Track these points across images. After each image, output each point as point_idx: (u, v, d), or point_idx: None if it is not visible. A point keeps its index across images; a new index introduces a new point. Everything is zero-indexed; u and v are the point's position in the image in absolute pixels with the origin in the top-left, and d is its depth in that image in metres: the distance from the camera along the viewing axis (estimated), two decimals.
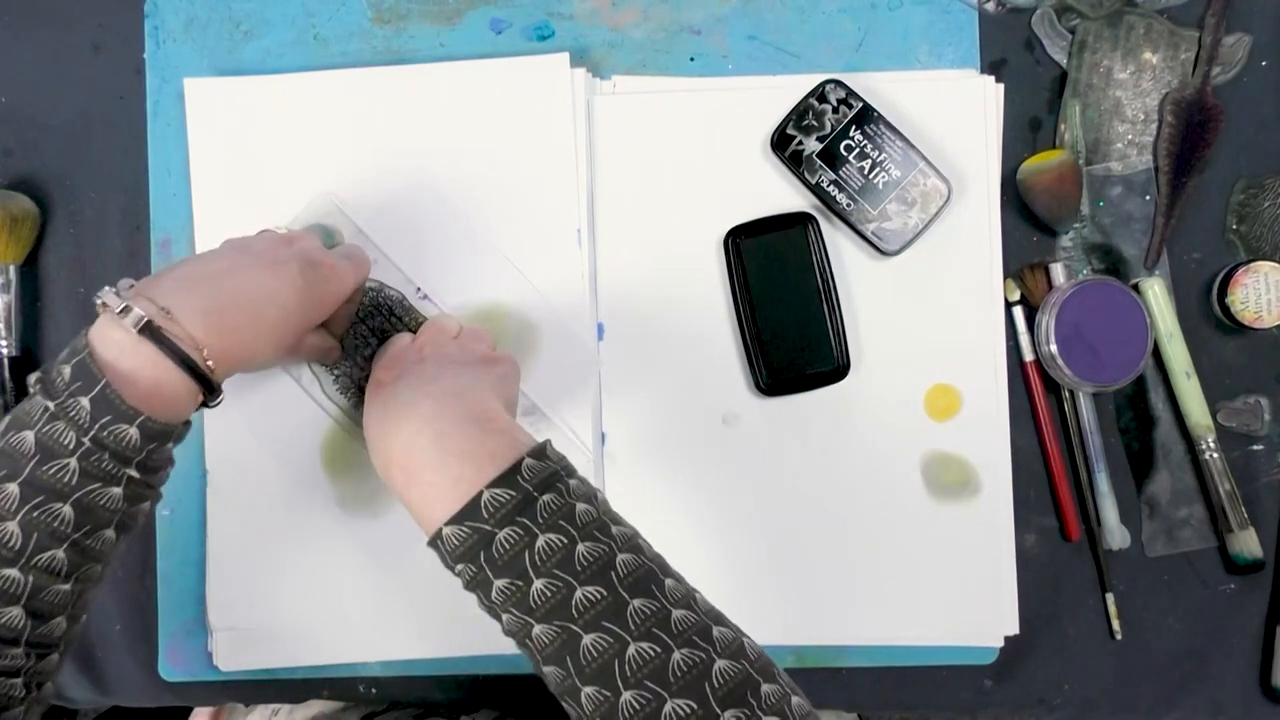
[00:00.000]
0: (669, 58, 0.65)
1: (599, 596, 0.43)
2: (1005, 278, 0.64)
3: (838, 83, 0.62)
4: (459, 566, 0.46)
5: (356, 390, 0.61)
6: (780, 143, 0.62)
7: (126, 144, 0.65)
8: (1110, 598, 0.64)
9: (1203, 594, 0.64)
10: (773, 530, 0.63)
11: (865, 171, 0.61)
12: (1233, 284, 0.62)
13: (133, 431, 0.44)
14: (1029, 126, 0.65)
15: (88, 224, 0.65)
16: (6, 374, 0.63)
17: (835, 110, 0.61)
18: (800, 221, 0.62)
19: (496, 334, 0.62)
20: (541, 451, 0.47)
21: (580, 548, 0.44)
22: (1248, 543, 0.63)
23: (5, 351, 0.63)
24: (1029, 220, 0.64)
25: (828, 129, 0.61)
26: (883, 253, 0.62)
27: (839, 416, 0.63)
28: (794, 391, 0.63)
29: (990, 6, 0.65)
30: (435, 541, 0.46)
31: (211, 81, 0.64)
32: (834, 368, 0.62)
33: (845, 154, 0.61)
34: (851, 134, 0.61)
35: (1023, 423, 0.64)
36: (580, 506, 0.46)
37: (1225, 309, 0.63)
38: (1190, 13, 0.64)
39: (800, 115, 0.62)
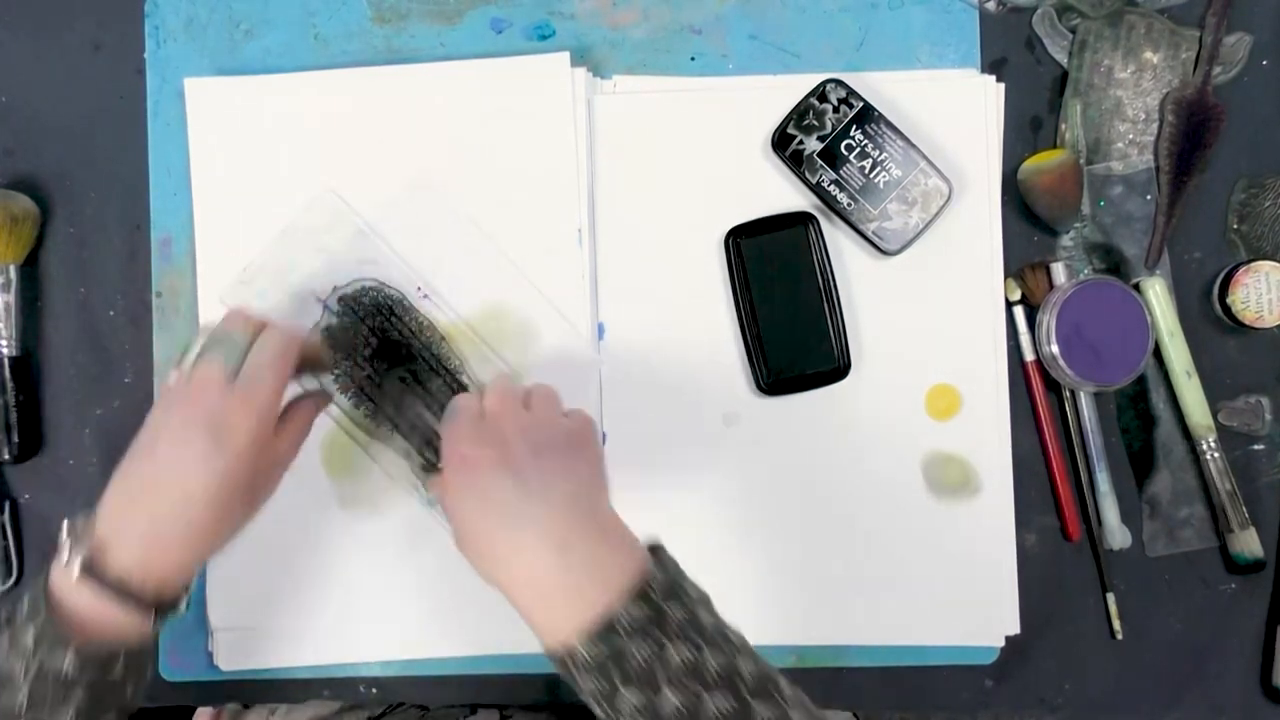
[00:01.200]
0: (669, 57, 0.65)
1: (729, 708, 0.44)
2: (1006, 277, 0.64)
3: (838, 82, 0.62)
4: (586, 679, 0.45)
5: (357, 390, 0.61)
6: (781, 142, 0.62)
7: (126, 144, 0.65)
8: (1111, 597, 0.64)
9: (1203, 594, 0.64)
10: (773, 530, 0.63)
11: (866, 171, 0.61)
12: (1233, 283, 0.62)
13: (69, 657, 0.46)
14: (1030, 126, 0.65)
15: (88, 224, 0.65)
16: (7, 374, 0.63)
17: (836, 110, 0.61)
18: (800, 221, 0.62)
19: (496, 334, 0.62)
20: (658, 556, 0.48)
21: (709, 658, 0.45)
22: (1248, 542, 0.63)
23: (5, 351, 0.63)
24: (1029, 220, 0.64)
25: (828, 128, 0.61)
26: (883, 252, 0.62)
27: (839, 416, 0.63)
28: (794, 391, 0.62)
29: (991, 6, 0.64)
30: (563, 656, 0.46)
31: (211, 81, 0.64)
32: (834, 368, 0.62)
33: (846, 153, 0.61)
34: (852, 133, 0.61)
35: (1023, 423, 0.64)
36: (702, 614, 0.47)
37: (1226, 308, 0.63)
38: (1191, 12, 0.64)
39: (801, 115, 0.62)
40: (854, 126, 0.61)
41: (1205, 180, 0.64)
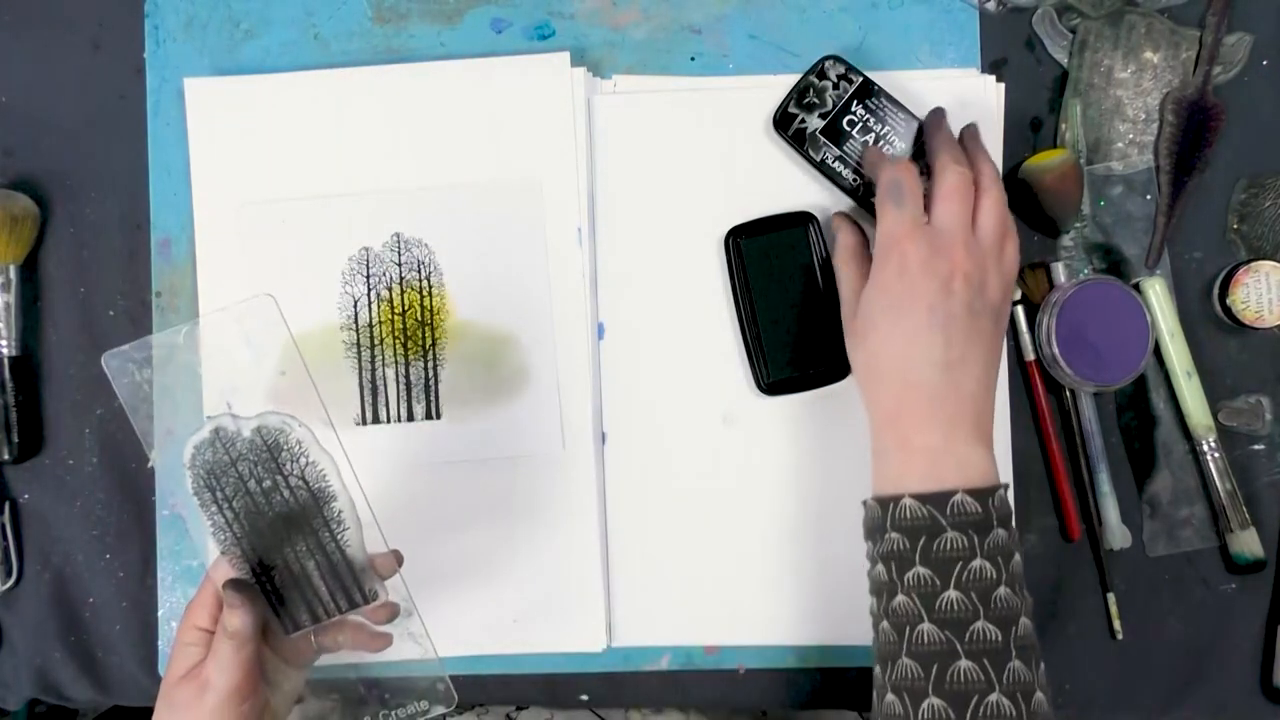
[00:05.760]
0: (669, 57, 0.65)
1: (995, 637, 0.46)
2: None
3: (836, 59, 0.61)
4: (891, 534, 0.48)
5: (247, 557, 0.51)
6: (783, 122, 0.62)
7: (126, 144, 0.65)
8: (1111, 597, 0.64)
9: (1204, 594, 0.64)
10: (773, 530, 0.63)
11: (870, 145, 0.61)
12: (1234, 283, 0.62)
13: None
14: (1030, 126, 0.65)
15: (88, 224, 0.65)
16: (6, 374, 0.63)
17: (836, 86, 0.61)
18: (800, 222, 0.62)
19: (498, 335, 0.63)
20: (1006, 489, 0.50)
21: (1002, 589, 0.47)
22: (1249, 542, 0.63)
23: (5, 351, 0.63)
24: (1030, 220, 0.64)
25: (829, 105, 0.61)
26: None
27: (839, 416, 0.63)
28: (794, 391, 0.62)
29: (991, 6, 0.64)
30: (887, 500, 0.49)
31: (211, 81, 0.64)
32: (834, 368, 0.62)
33: (848, 129, 0.61)
34: (854, 109, 0.61)
35: (1024, 422, 0.64)
36: (1017, 556, 0.49)
37: (1226, 308, 0.63)
38: (1191, 12, 0.64)
39: (801, 93, 0.61)
40: (855, 102, 0.61)
41: (1205, 180, 0.64)
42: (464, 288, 0.63)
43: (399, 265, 0.63)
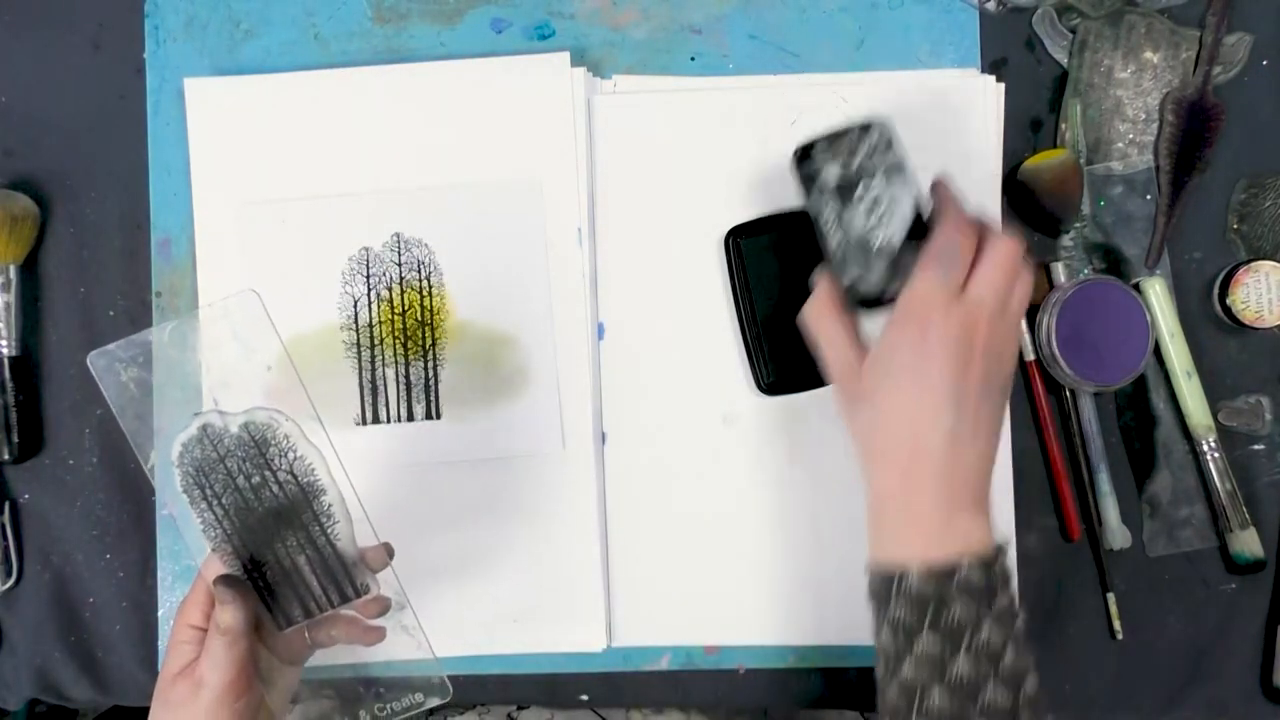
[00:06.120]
0: (669, 57, 0.65)
1: (1004, 701, 0.46)
2: None
3: (886, 126, 0.55)
4: (896, 603, 0.48)
5: (238, 553, 0.51)
6: (803, 156, 0.56)
7: (126, 144, 0.65)
8: (1111, 597, 0.64)
9: (1203, 594, 0.64)
10: (773, 530, 0.63)
11: (869, 224, 0.55)
12: (1234, 283, 0.62)
13: None
14: (1030, 126, 0.65)
15: (88, 224, 0.65)
16: (6, 374, 0.63)
17: (871, 154, 0.55)
18: (801, 221, 0.62)
19: (498, 335, 0.63)
20: (1004, 551, 0.50)
21: (1009, 653, 0.47)
22: (1248, 542, 0.63)
23: (5, 351, 0.63)
24: (1030, 220, 0.64)
25: (854, 166, 0.55)
26: (858, 304, 0.57)
27: (839, 416, 0.63)
28: (794, 391, 0.62)
29: (991, 6, 0.64)
30: (892, 574, 0.48)
31: (211, 81, 0.64)
32: None
33: (858, 198, 0.55)
34: (874, 182, 0.55)
35: (1024, 422, 0.64)
36: (1021, 619, 0.49)
37: (1226, 308, 0.63)
38: (1191, 12, 0.64)
39: (835, 139, 0.56)
40: (879, 176, 0.55)
41: (1205, 180, 0.64)
42: (464, 288, 0.63)
43: (399, 265, 0.63)
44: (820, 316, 0.55)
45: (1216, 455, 0.63)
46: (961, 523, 0.49)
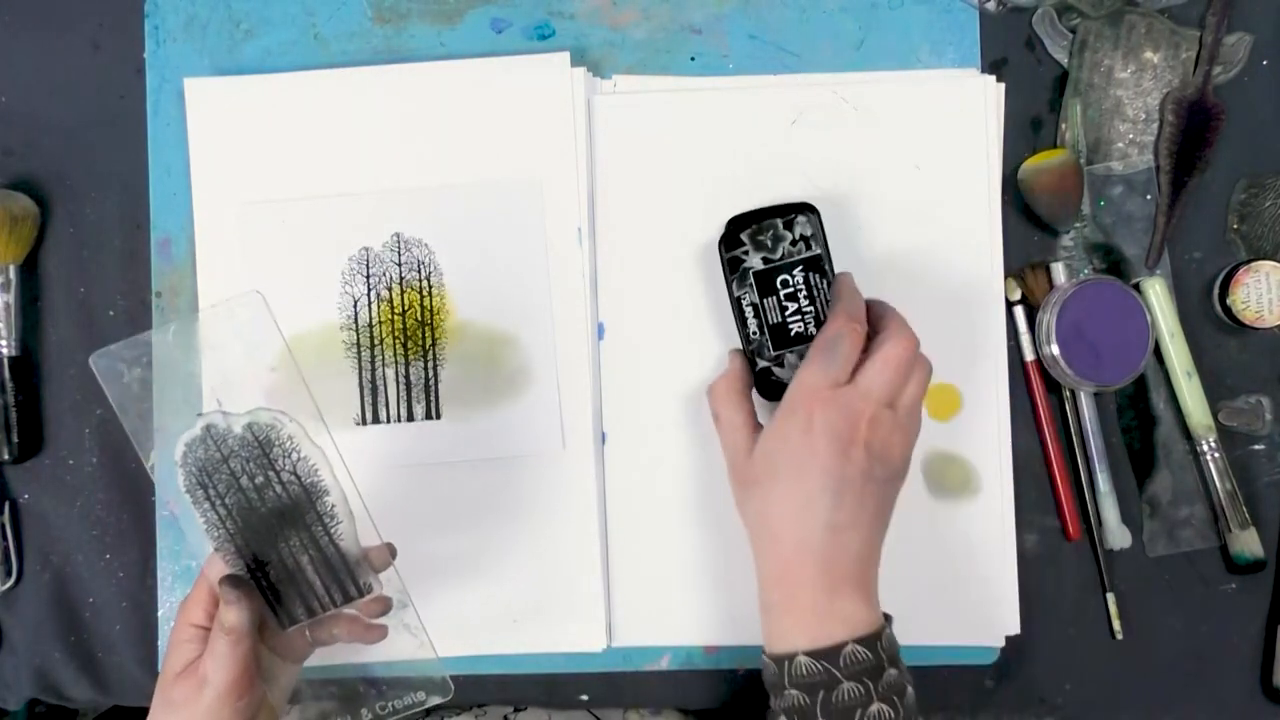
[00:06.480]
0: (669, 57, 0.65)
1: None
2: (1006, 277, 0.64)
3: (812, 214, 0.58)
4: (790, 691, 0.49)
5: (241, 553, 0.51)
6: (728, 241, 0.58)
7: (126, 144, 0.65)
8: (1111, 598, 0.64)
9: (1203, 594, 0.64)
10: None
11: (786, 313, 0.58)
12: (1234, 283, 0.62)
13: None
14: (1030, 126, 0.65)
15: (88, 224, 0.65)
16: (6, 374, 0.63)
17: (794, 243, 0.58)
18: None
19: (498, 335, 0.63)
20: (889, 625, 0.52)
21: None
22: (1249, 542, 0.63)
23: (5, 351, 0.63)
24: (1030, 220, 0.64)
25: (777, 256, 0.58)
26: (763, 396, 0.59)
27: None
28: None
29: (991, 6, 0.64)
30: (782, 658, 0.50)
31: (211, 81, 0.64)
32: None
33: (779, 288, 0.58)
34: (795, 274, 0.57)
35: (1023, 423, 0.64)
36: (910, 691, 0.50)
37: (1226, 308, 0.63)
38: (1191, 12, 0.64)
39: (760, 228, 0.58)
40: (800, 269, 0.57)
41: (1205, 180, 0.64)
42: (464, 288, 0.63)
43: (399, 265, 0.63)
44: (724, 398, 0.57)
45: (1216, 455, 0.63)
46: (844, 606, 0.50)
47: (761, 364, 0.58)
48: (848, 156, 0.63)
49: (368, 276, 0.63)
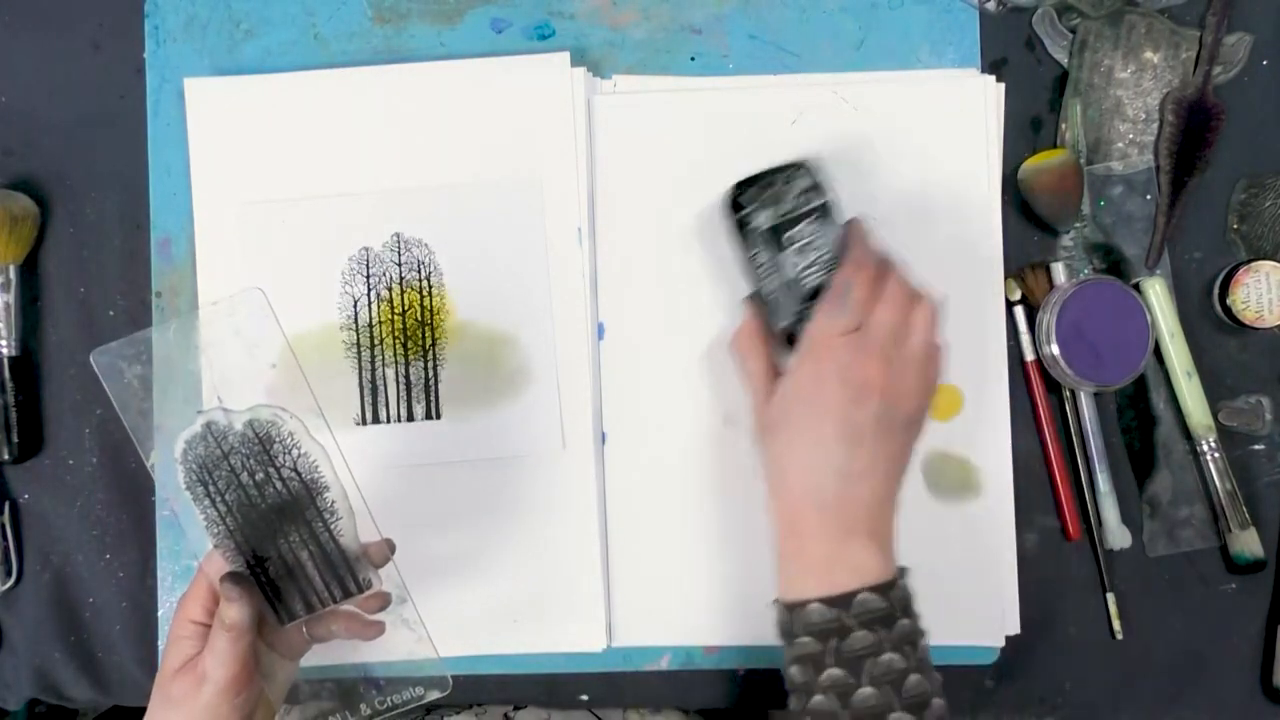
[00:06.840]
0: (669, 57, 0.65)
1: None
2: (1006, 277, 0.64)
3: (810, 169, 0.57)
4: (802, 638, 0.49)
5: (241, 550, 0.51)
6: (735, 204, 0.58)
7: (126, 144, 0.65)
8: (1111, 598, 0.64)
9: (1203, 594, 0.64)
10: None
11: (798, 268, 0.57)
12: (1234, 283, 0.62)
13: None
14: (1030, 126, 0.65)
15: (88, 224, 0.65)
16: (6, 374, 0.63)
17: (799, 195, 0.57)
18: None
19: (498, 335, 0.63)
20: (903, 575, 0.52)
21: (912, 677, 0.48)
22: (1249, 542, 0.63)
23: (5, 351, 0.63)
24: (1030, 220, 0.64)
25: (785, 210, 0.57)
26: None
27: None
28: None
29: (991, 6, 0.64)
30: (793, 606, 0.51)
31: (211, 81, 0.64)
32: None
33: (790, 243, 0.57)
34: (806, 226, 0.57)
35: (1023, 423, 0.64)
36: (923, 640, 0.50)
37: (1226, 308, 0.63)
38: (1191, 12, 0.64)
39: (764, 186, 0.58)
40: (810, 219, 0.57)
41: (1205, 180, 0.64)
42: (464, 288, 0.63)
43: (399, 265, 0.63)
44: (744, 345, 0.58)
45: (1216, 455, 0.63)
46: (855, 555, 0.50)
47: (782, 317, 0.57)
48: (848, 156, 0.63)
49: (368, 276, 0.63)
